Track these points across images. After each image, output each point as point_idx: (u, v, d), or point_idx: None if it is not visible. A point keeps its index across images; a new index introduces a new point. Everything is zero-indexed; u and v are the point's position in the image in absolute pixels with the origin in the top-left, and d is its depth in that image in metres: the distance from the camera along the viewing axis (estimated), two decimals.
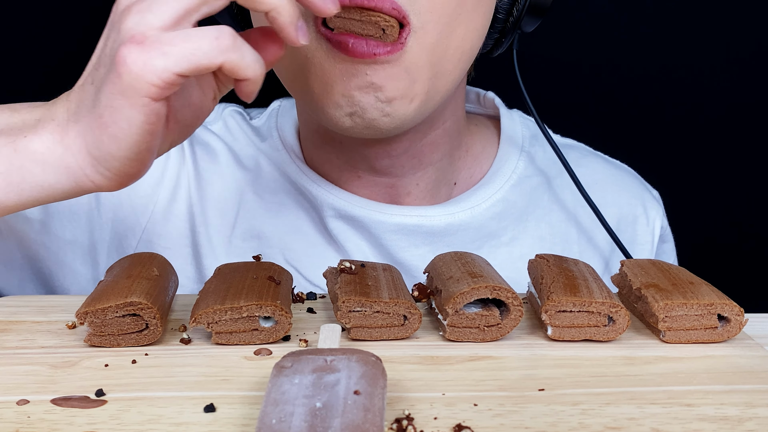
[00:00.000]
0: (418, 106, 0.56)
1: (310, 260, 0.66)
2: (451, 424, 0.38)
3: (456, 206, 0.67)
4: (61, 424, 0.38)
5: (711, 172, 0.98)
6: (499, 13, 0.61)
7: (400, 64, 0.53)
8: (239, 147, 0.71)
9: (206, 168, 0.69)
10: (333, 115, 0.55)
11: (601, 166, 0.75)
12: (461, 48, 0.57)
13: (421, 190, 0.67)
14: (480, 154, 0.71)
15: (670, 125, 0.96)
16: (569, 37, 0.93)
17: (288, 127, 0.70)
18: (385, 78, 0.53)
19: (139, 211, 0.68)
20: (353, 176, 0.66)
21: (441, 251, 0.66)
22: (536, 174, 0.72)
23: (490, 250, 0.68)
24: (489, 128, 0.73)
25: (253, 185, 0.69)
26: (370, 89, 0.53)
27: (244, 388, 0.42)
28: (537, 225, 0.70)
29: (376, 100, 0.54)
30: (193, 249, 0.68)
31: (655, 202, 0.75)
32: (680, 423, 0.39)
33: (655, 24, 0.93)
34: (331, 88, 0.54)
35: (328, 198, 0.65)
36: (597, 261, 0.71)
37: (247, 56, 0.43)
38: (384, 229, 0.65)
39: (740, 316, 0.48)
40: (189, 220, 0.68)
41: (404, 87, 0.54)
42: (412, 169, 0.65)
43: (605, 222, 0.67)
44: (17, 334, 0.49)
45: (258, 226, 0.68)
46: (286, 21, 0.44)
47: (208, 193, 0.69)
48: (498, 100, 0.74)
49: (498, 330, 0.48)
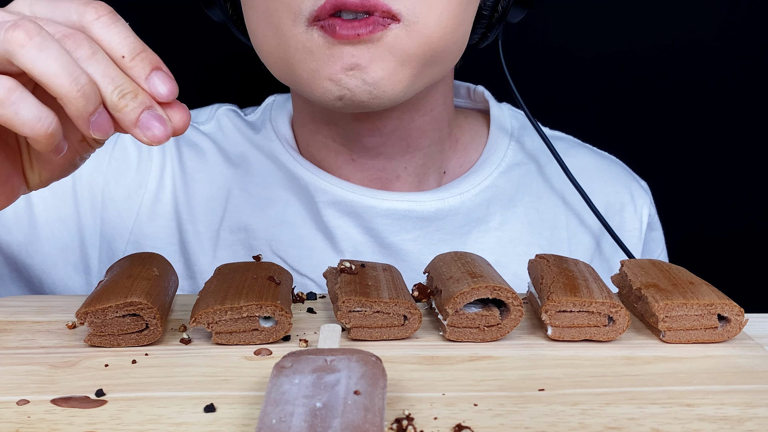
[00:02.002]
0: (406, 86, 0.57)
1: (297, 251, 0.67)
2: (451, 424, 0.38)
3: (446, 192, 0.68)
4: (61, 424, 0.38)
5: (701, 165, 0.98)
6: (485, 5, 0.62)
7: (382, 45, 0.54)
8: (230, 144, 0.72)
9: (193, 167, 0.70)
10: (323, 99, 0.57)
11: (589, 156, 0.76)
12: (455, 41, 0.58)
13: (409, 173, 0.68)
14: (469, 144, 0.73)
15: (660, 117, 0.96)
16: (557, 29, 0.93)
17: (282, 119, 0.71)
18: (369, 59, 0.54)
19: (125, 215, 0.69)
20: (347, 159, 0.67)
21: (431, 236, 0.67)
22: (526, 161, 0.73)
23: (480, 234, 0.69)
24: (479, 120, 0.75)
25: (241, 181, 0.70)
26: (356, 70, 0.54)
27: (244, 388, 0.42)
28: (526, 210, 0.71)
29: (363, 83, 0.55)
30: (180, 247, 0.69)
31: (642, 191, 0.76)
32: (680, 423, 0.39)
33: (644, 14, 0.93)
34: (318, 73, 0.55)
35: (321, 184, 0.67)
36: (588, 241, 0.72)
37: (23, 112, 0.39)
38: (375, 213, 0.66)
39: (740, 316, 0.48)
40: (176, 219, 0.69)
41: (390, 68, 0.55)
42: (400, 150, 0.67)
43: (593, 206, 0.69)
44: (17, 334, 0.49)
45: (245, 219, 0.68)
46: (73, 114, 0.40)
47: (195, 191, 0.70)
48: (488, 93, 0.76)
49: (498, 330, 0.48)
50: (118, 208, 0.69)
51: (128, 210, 0.69)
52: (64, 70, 0.39)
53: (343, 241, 0.67)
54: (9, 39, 0.39)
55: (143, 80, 0.41)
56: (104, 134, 0.41)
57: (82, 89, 0.39)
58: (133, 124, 0.41)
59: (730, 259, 1.00)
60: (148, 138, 0.41)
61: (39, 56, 0.38)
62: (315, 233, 0.68)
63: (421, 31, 0.55)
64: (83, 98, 0.39)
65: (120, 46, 0.41)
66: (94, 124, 0.40)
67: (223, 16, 0.65)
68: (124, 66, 0.41)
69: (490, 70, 0.71)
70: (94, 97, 0.40)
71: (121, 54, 0.41)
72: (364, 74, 0.55)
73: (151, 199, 0.69)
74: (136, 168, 0.70)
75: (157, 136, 0.41)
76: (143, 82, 0.41)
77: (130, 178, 0.69)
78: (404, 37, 0.54)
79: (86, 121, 0.40)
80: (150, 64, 0.42)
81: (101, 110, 0.41)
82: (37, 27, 0.39)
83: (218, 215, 0.69)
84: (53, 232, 0.68)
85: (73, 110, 0.40)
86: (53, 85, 0.39)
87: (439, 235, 0.68)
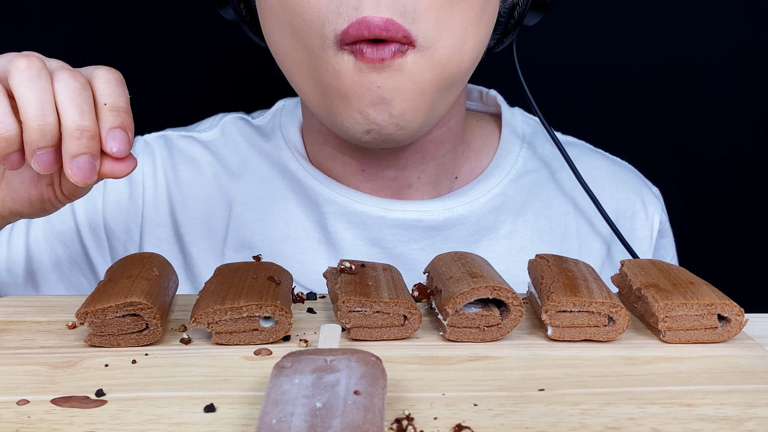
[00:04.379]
0: (427, 115, 0.58)
1: (301, 266, 0.67)
2: (451, 424, 0.38)
3: (455, 200, 0.67)
4: (61, 424, 0.38)
5: (705, 165, 0.98)
6: (501, 12, 0.61)
7: (403, 72, 0.54)
8: (232, 153, 0.71)
9: (191, 184, 0.70)
10: (351, 131, 0.57)
11: (601, 162, 0.76)
12: (470, 61, 0.59)
13: (422, 182, 0.68)
14: (481, 149, 0.72)
15: (670, 125, 0.96)
16: (570, 38, 0.93)
17: (291, 126, 0.71)
18: (393, 90, 0.55)
19: (129, 246, 0.70)
20: (357, 170, 0.67)
21: (439, 245, 0.67)
22: (537, 168, 0.72)
23: (489, 243, 0.68)
24: (491, 124, 0.74)
25: (243, 195, 0.69)
26: (382, 105, 0.55)
27: (244, 388, 0.42)
28: (536, 218, 0.71)
29: (390, 116, 0.56)
30: (186, 269, 0.69)
31: (654, 198, 0.76)
32: (680, 423, 0.39)
33: (658, 20, 0.93)
34: (349, 104, 0.56)
35: (330, 195, 0.66)
36: (599, 248, 0.72)
37: None
38: (383, 224, 0.66)
39: (740, 316, 0.48)
40: (178, 243, 0.70)
41: (411, 98, 0.56)
42: (414, 162, 0.67)
43: (605, 213, 0.68)
44: (17, 334, 0.49)
45: (248, 237, 0.68)
46: (25, 140, 0.45)
47: (194, 209, 0.70)
48: (500, 97, 0.75)
49: (498, 330, 0.48)
50: (121, 241, 0.70)
51: (131, 241, 0.70)
52: (38, 104, 0.44)
53: (349, 254, 0.66)
54: (14, 62, 0.44)
55: (107, 128, 0.45)
56: (41, 168, 0.45)
57: (43, 126, 0.44)
58: (71, 156, 0.44)
59: (730, 259, 1.00)
60: (70, 175, 0.44)
61: (26, 84, 0.44)
62: (319, 245, 0.67)
63: (435, 57, 0.55)
64: (40, 132, 0.44)
65: (109, 97, 0.46)
66: (37, 157, 0.45)
67: (236, 15, 0.64)
68: (99, 110, 0.46)
69: (503, 75, 0.71)
70: (49, 137, 0.44)
71: (104, 102, 0.46)
72: (390, 107, 0.55)
73: (150, 225, 0.70)
74: (129, 198, 0.70)
75: (76, 180, 0.44)
76: (105, 129, 0.45)
77: (125, 209, 0.70)
78: (421, 63, 0.55)
79: (32, 151, 0.44)
80: (122, 122, 0.46)
81: (50, 150, 0.45)
82: (40, 64, 0.44)
83: (221, 234, 0.69)
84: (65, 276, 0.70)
85: (26, 137, 0.44)
86: (22, 110, 0.44)
87: (448, 245, 0.67)
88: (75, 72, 0.45)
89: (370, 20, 0.52)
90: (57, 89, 0.44)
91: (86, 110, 0.44)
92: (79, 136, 0.44)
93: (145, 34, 0.91)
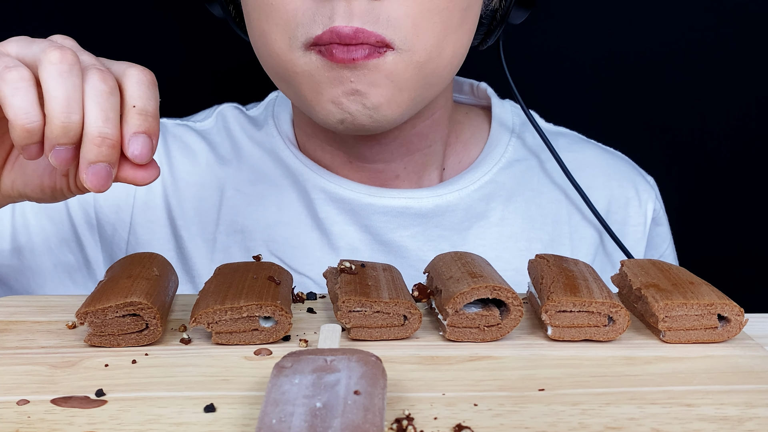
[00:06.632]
0: (405, 110, 0.59)
1: (294, 251, 0.67)
2: (451, 424, 0.38)
3: (444, 189, 0.68)
4: (61, 424, 0.38)
5: (701, 161, 0.98)
6: (484, 13, 0.62)
7: (380, 72, 0.55)
8: (225, 140, 0.72)
9: (184, 170, 0.71)
10: (325, 120, 0.58)
11: (593, 151, 0.76)
12: (450, 64, 0.59)
13: (408, 173, 0.69)
14: (469, 140, 0.73)
15: (664, 117, 0.96)
16: (564, 29, 0.93)
17: (284, 116, 0.72)
18: (367, 84, 0.55)
19: (119, 227, 0.70)
20: (345, 161, 0.68)
21: (430, 232, 0.67)
22: (527, 157, 0.73)
23: (480, 230, 0.69)
24: (480, 116, 0.75)
25: (234, 180, 0.70)
26: (356, 96, 0.56)
27: (244, 388, 0.42)
28: (527, 206, 0.71)
29: (364, 107, 0.56)
30: (177, 253, 0.69)
31: (647, 186, 0.76)
32: (680, 423, 0.39)
33: (648, 13, 0.93)
34: (320, 95, 0.57)
35: (319, 181, 0.67)
36: (591, 235, 0.72)
37: (18, 100, 0.43)
38: (372, 211, 0.67)
39: (740, 316, 0.48)
40: (170, 225, 0.70)
41: (389, 94, 0.56)
42: (400, 155, 0.67)
43: (591, 204, 0.69)
44: (17, 334, 0.49)
45: (240, 221, 0.69)
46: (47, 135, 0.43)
47: (186, 194, 0.70)
48: (490, 90, 0.76)
49: (498, 330, 0.48)
50: (111, 221, 0.69)
51: (121, 222, 0.69)
52: (65, 101, 0.43)
53: (341, 239, 0.67)
54: (47, 53, 0.43)
55: (131, 131, 0.44)
56: (58, 164, 0.44)
57: (67, 123, 0.43)
58: (88, 162, 0.43)
59: (730, 259, 1.00)
60: (85, 180, 0.44)
61: (55, 78, 0.43)
62: (311, 231, 0.68)
63: (414, 59, 0.56)
64: (62, 129, 0.43)
65: (139, 99, 0.45)
66: (56, 152, 0.44)
67: (223, 12, 0.65)
68: (127, 111, 0.44)
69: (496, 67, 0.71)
70: (71, 135, 0.43)
71: (134, 104, 0.45)
72: (365, 99, 0.56)
73: (141, 207, 0.69)
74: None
75: (90, 187, 0.44)
76: (129, 132, 0.44)
77: (117, 190, 0.69)
78: (400, 63, 0.55)
79: (52, 146, 0.44)
80: (148, 127, 0.45)
81: (69, 148, 0.44)
82: (73, 58, 0.43)
83: (213, 218, 0.69)
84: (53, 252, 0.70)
85: (48, 131, 0.43)
86: (48, 104, 0.43)
87: (438, 231, 0.68)
88: (106, 73, 0.44)
89: (340, 30, 0.53)
90: (86, 89, 0.43)
91: (111, 117, 0.43)
92: (99, 143, 0.43)
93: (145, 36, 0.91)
